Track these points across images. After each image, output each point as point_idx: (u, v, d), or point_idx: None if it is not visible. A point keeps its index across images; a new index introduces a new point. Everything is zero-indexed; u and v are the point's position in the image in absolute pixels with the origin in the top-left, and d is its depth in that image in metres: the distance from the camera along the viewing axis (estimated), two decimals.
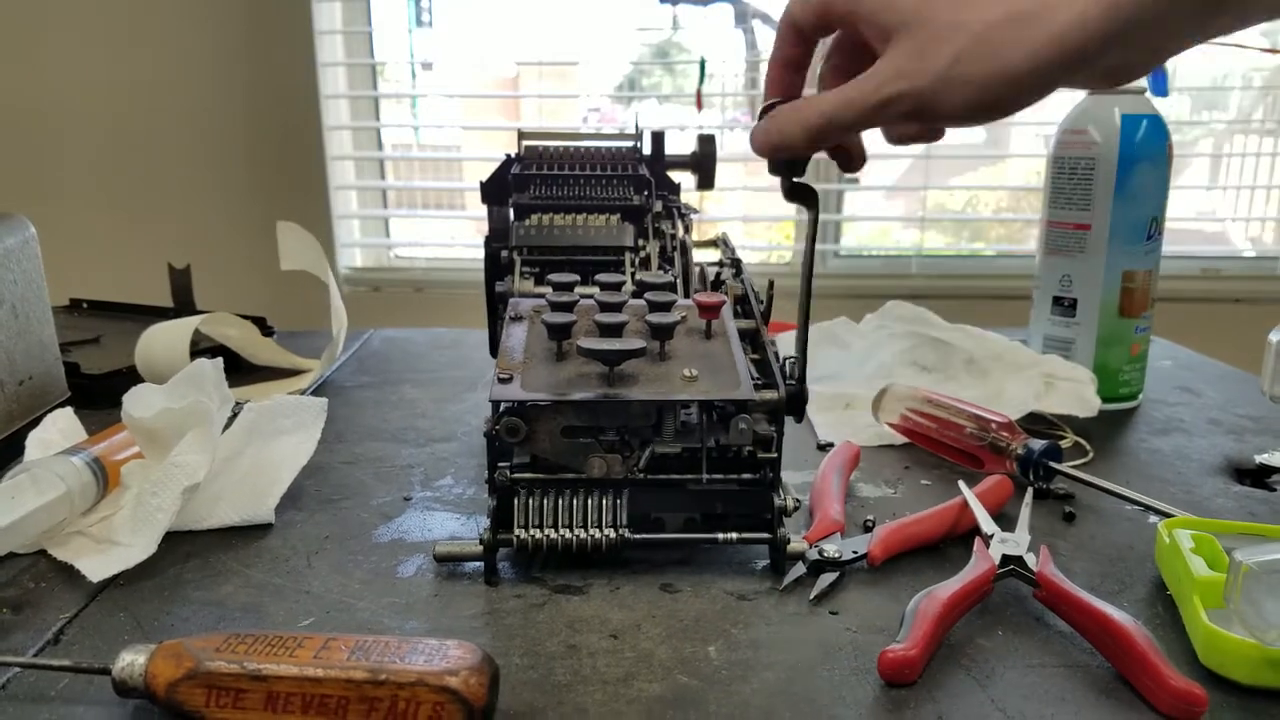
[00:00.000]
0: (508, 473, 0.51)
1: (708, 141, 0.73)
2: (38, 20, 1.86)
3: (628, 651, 0.44)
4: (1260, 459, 0.69)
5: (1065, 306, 0.81)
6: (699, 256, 0.69)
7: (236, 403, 0.61)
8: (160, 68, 1.88)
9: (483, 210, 0.69)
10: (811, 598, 0.49)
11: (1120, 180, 0.76)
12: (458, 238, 2.16)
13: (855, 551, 0.52)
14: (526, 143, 0.72)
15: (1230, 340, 1.29)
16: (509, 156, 0.71)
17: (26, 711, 0.40)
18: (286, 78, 1.89)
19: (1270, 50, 1.79)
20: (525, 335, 0.54)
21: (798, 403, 0.53)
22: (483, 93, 2.17)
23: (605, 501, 0.51)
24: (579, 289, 0.59)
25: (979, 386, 0.79)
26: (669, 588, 0.50)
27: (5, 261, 0.70)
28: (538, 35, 1.98)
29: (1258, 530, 0.51)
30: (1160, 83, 0.83)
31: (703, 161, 0.73)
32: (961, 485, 0.57)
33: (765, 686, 0.42)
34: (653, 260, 0.66)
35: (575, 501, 0.51)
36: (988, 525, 0.53)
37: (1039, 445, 0.63)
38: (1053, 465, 0.62)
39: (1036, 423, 0.75)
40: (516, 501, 0.51)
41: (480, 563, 0.51)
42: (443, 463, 0.68)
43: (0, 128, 1.89)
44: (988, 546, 0.50)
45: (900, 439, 0.72)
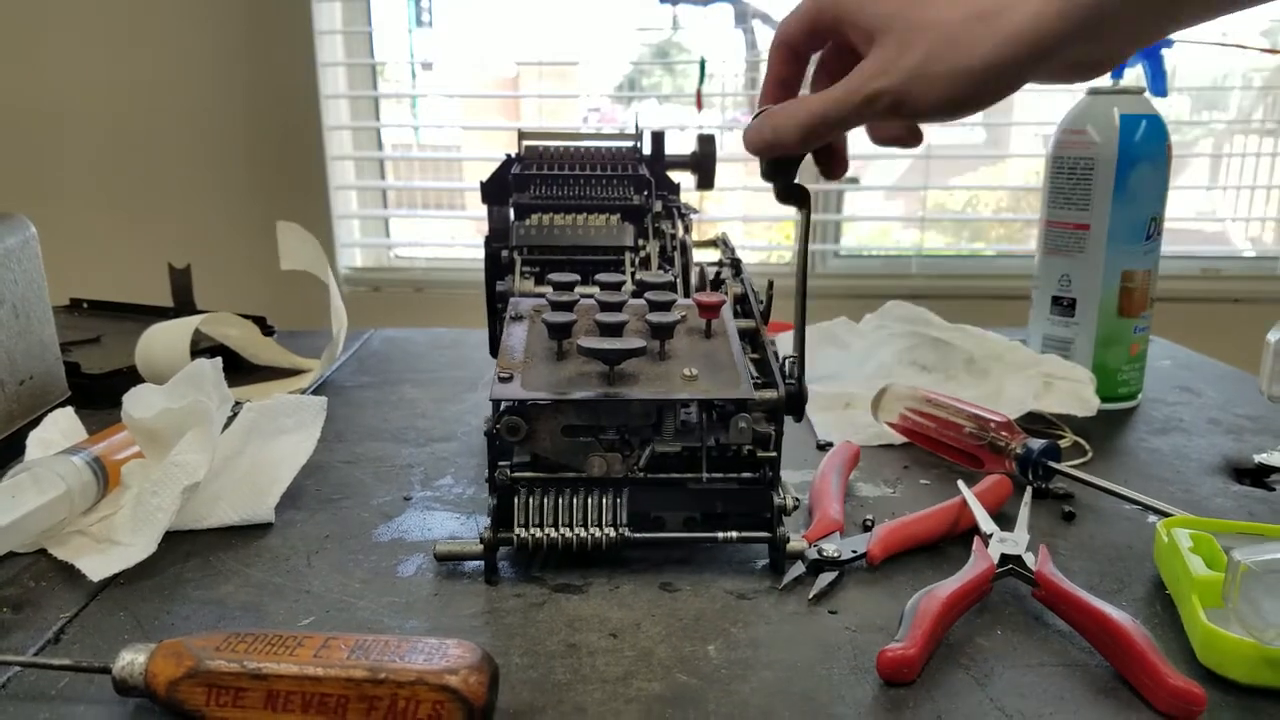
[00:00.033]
0: (508, 472, 0.51)
1: (708, 141, 0.73)
2: (38, 20, 1.86)
3: (627, 650, 0.44)
4: (1259, 458, 0.69)
5: (1064, 306, 0.81)
6: (699, 256, 0.69)
7: (236, 402, 0.61)
8: (160, 68, 1.88)
9: (483, 210, 0.69)
10: (811, 597, 0.49)
11: (1119, 180, 0.76)
12: (458, 238, 2.16)
13: (854, 551, 0.52)
14: (527, 143, 0.72)
15: (1230, 340, 1.29)
16: (509, 156, 0.71)
17: (27, 710, 0.40)
18: (286, 78, 1.89)
19: (1270, 50, 1.79)
20: (525, 334, 0.54)
21: (797, 402, 0.53)
22: (483, 93, 2.17)
23: (605, 500, 0.51)
24: (579, 289, 0.59)
25: (978, 386, 0.79)
26: (668, 587, 0.50)
27: (6, 261, 0.70)
28: (538, 35, 1.98)
29: (1256, 530, 0.51)
30: (1160, 83, 0.83)
31: (703, 161, 0.73)
32: (961, 485, 0.57)
33: (764, 685, 0.42)
34: (653, 260, 0.66)
35: (575, 500, 0.51)
36: (987, 525, 0.53)
37: (1038, 445, 0.63)
38: (1052, 465, 0.62)
39: (1035, 422, 0.75)
40: (517, 500, 0.51)
41: (480, 562, 0.51)
42: (443, 462, 0.68)
43: (0, 128, 1.89)
44: (986, 546, 0.50)
45: (899, 438, 0.72)
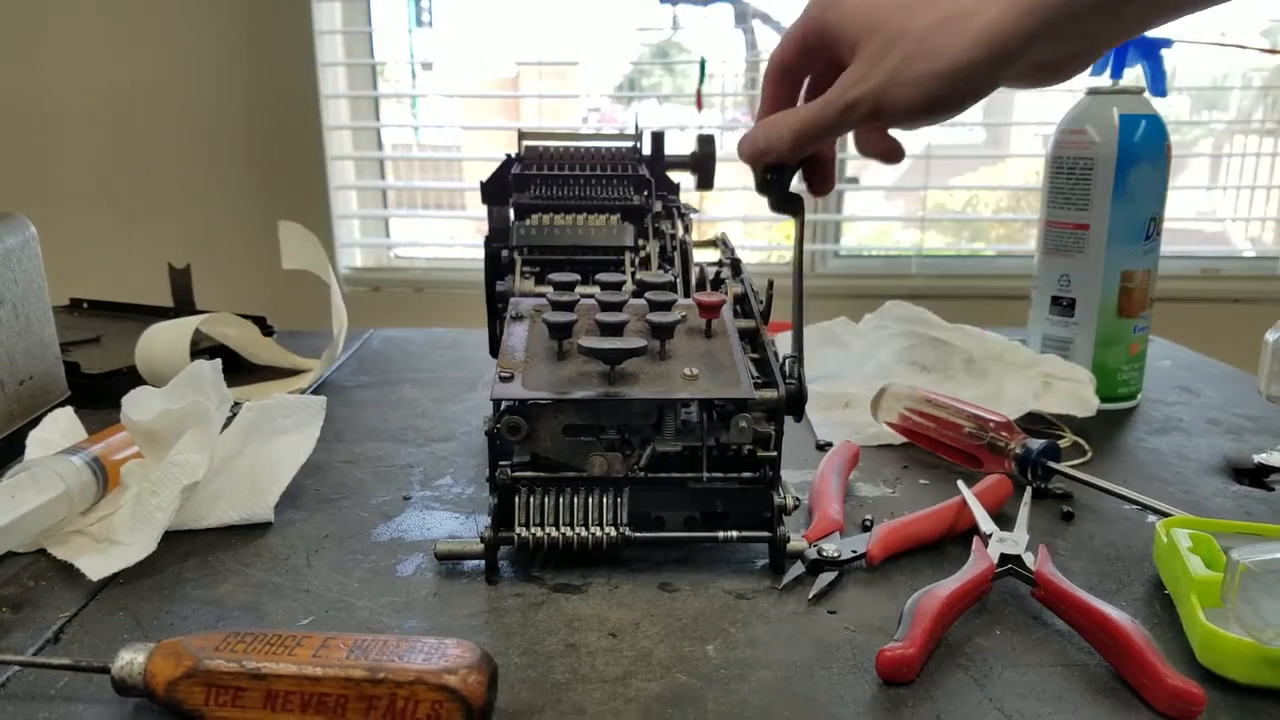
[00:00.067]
0: (508, 471, 0.51)
1: (707, 142, 0.73)
2: (38, 20, 1.86)
3: (626, 650, 0.44)
4: (1258, 458, 0.69)
5: (1064, 306, 0.81)
6: (699, 256, 0.69)
7: (235, 402, 0.61)
8: (160, 68, 1.88)
9: (483, 210, 0.70)
10: (810, 597, 0.49)
11: (1119, 180, 0.76)
12: (458, 238, 2.16)
13: (854, 551, 0.52)
14: (527, 143, 0.72)
15: (1229, 340, 1.29)
16: (509, 156, 0.71)
17: (26, 710, 0.40)
18: (286, 78, 1.89)
19: (1270, 50, 1.79)
20: (526, 334, 0.54)
21: (797, 402, 0.53)
22: (483, 93, 2.17)
23: (606, 500, 0.51)
24: (579, 288, 0.59)
25: (978, 386, 0.79)
26: (668, 586, 0.50)
27: (6, 261, 0.70)
28: (538, 35, 1.98)
29: (1255, 530, 0.51)
30: (1159, 83, 0.83)
31: (702, 161, 0.73)
32: (960, 485, 0.57)
33: (763, 685, 0.42)
34: (653, 260, 0.66)
35: (576, 500, 0.51)
36: (986, 524, 0.53)
37: (1037, 445, 0.63)
38: (1051, 465, 0.62)
39: (1035, 422, 0.75)
40: (517, 500, 0.51)
41: (479, 561, 0.51)
42: (442, 462, 0.68)
43: (0, 128, 1.89)
44: (986, 546, 0.50)
45: (899, 439, 0.72)
